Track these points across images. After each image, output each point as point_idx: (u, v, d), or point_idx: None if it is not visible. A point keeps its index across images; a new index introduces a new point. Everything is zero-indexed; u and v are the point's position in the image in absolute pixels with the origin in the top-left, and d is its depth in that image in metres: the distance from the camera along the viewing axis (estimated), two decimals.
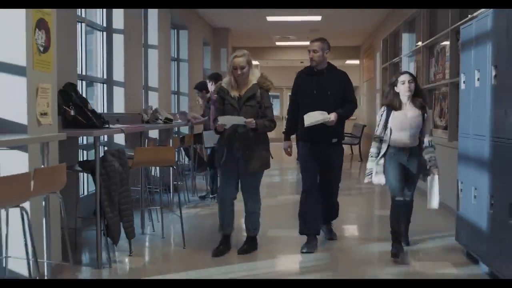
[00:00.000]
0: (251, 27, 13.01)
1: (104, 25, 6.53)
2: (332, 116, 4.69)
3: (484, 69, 3.98)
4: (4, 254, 3.48)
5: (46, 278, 3.27)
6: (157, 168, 6.71)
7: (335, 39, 13.92)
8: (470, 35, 4.28)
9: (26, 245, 3.10)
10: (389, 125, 4.46)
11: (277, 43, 15.73)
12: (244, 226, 4.85)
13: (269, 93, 4.70)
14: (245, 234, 4.86)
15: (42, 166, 3.51)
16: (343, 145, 5.18)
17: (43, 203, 3.59)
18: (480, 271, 4.16)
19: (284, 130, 5.10)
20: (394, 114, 4.46)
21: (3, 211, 3.51)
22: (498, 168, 3.76)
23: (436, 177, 4.50)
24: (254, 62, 18.29)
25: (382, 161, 4.50)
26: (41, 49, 3.78)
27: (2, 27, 3.58)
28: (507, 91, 3.59)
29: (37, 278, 3.20)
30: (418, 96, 4.49)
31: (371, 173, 4.52)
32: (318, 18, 11.35)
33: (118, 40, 6.62)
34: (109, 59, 6.59)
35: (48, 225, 3.59)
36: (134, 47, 7.02)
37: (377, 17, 11.65)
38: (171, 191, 6.63)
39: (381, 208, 5.82)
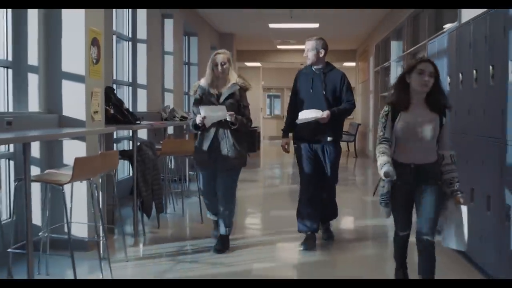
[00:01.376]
0: (254, 32, 14.06)
1: (130, 36, 7.56)
2: (325, 114, 4.70)
3: (443, 77, 5.02)
4: (68, 220, 4.51)
5: (102, 239, 4.30)
6: (172, 160, 7.76)
7: (332, 43, 14.97)
8: (434, 50, 5.33)
9: (94, 212, 4.15)
10: (394, 131, 3.35)
11: (278, 47, 16.73)
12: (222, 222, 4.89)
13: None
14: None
15: (100, 152, 4.56)
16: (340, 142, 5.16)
17: (99, 180, 4.64)
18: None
19: (282, 128, 5.15)
20: (401, 116, 3.34)
21: (66, 186, 4.55)
22: None
23: (464, 207, 3.28)
24: (256, 64, 19.41)
25: (384, 183, 3.39)
26: (94, 61, 4.83)
27: (67, 46, 4.63)
28: (458, 96, 4.64)
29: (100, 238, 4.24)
30: (436, 94, 3.33)
31: (387, 163, 3.25)
32: (316, 25, 12.38)
33: (142, 49, 7.66)
34: (134, 65, 7.62)
35: (104, 197, 4.65)
36: (154, 54, 8.06)
37: (371, 24, 12.64)
38: (186, 179, 7.66)
39: (374, 195, 6.84)
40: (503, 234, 3.61)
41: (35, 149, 4.58)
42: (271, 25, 12.65)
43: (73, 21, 4.62)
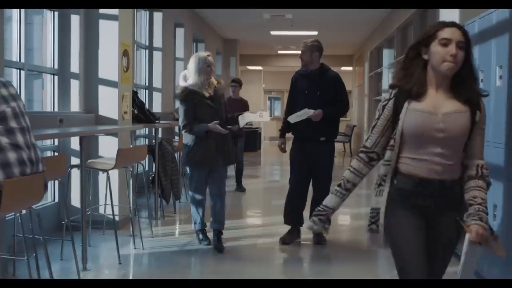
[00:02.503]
0: (256, 38, 14.96)
1: (147, 44, 8.44)
2: (316, 111, 4.79)
3: None
4: (106, 202, 5.37)
5: (136, 217, 5.16)
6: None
7: (330, 48, 15.89)
8: None
9: (129, 195, 5.02)
10: (399, 129, 2.23)
11: (279, 52, 17.64)
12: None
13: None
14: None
15: (130, 146, 5.44)
16: (336, 143, 5.22)
17: (130, 169, 5.52)
18: None
19: (280, 128, 5.26)
20: (410, 106, 2.21)
21: (103, 174, 5.41)
22: None
23: (467, 236, 2.14)
24: (258, 68, 20.52)
25: (381, 206, 2.34)
26: (125, 69, 5.71)
27: (103, 56, 5.51)
28: None
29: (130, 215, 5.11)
30: (467, 76, 2.20)
31: (324, 212, 2.53)
32: (314, 32, 13.26)
33: (157, 56, 8.54)
34: (150, 70, 8.49)
35: (133, 184, 5.52)
36: (168, 60, 8.93)
37: (366, 31, 13.52)
38: None
39: (368, 188, 7.76)
40: None
41: (75, 143, 5.44)
42: (273, 32, 13.55)
43: (108, 35, 5.50)
